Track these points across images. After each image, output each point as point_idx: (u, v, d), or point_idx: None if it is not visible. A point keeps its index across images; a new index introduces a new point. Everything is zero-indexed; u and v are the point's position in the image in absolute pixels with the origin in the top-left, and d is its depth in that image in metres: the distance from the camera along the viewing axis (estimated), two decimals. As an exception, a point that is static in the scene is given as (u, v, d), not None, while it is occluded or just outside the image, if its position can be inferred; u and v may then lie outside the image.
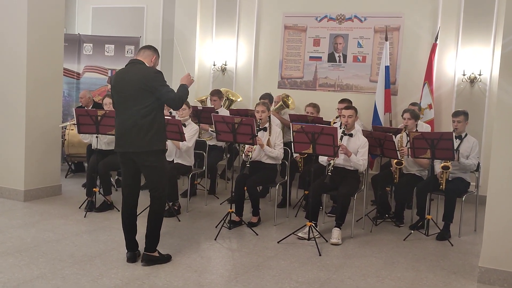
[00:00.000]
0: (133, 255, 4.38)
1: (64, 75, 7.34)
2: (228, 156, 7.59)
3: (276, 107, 7.76)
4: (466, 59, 7.41)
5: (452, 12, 7.50)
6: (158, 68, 4.54)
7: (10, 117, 6.24)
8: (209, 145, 6.73)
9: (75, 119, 5.86)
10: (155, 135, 4.22)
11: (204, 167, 6.58)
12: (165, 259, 4.42)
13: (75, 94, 8.89)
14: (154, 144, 4.23)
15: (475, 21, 7.33)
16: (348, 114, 5.58)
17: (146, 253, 4.33)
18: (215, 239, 5.10)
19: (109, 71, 8.93)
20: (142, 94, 4.17)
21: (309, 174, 5.44)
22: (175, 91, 4.29)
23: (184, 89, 4.37)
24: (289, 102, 7.86)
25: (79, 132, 5.98)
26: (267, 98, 7.32)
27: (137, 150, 4.21)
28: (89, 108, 7.36)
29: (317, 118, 6.91)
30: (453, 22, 7.51)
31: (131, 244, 4.42)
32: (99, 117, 5.71)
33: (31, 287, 3.75)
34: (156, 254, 4.36)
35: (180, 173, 6.21)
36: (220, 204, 6.64)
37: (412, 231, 5.56)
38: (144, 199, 4.79)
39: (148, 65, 4.30)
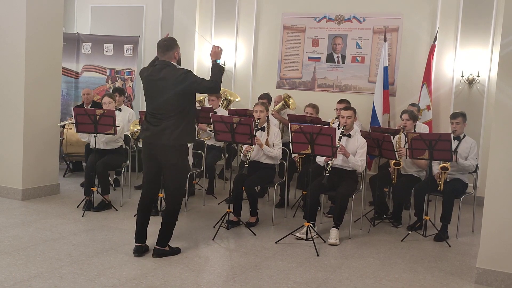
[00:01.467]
0: (140, 248, 4.48)
1: (62, 74, 7.33)
2: (227, 156, 7.59)
3: (277, 107, 7.76)
4: (465, 61, 7.42)
5: (451, 13, 7.51)
6: None
7: (9, 116, 6.23)
8: (207, 145, 6.72)
9: (73, 118, 5.86)
10: (182, 130, 4.36)
11: (202, 167, 6.58)
12: (175, 252, 4.57)
13: (74, 93, 8.89)
14: (181, 139, 4.38)
15: (474, 22, 7.34)
16: (347, 115, 5.58)
17: (157, 247, 4.49)
18: (213, 239, 5.10)
19: (108, 71, 8.92)
20: (178, 97, 4.32)
21: (308, 175, 5.45)
22: (208, 80, 4.45)
23: (215, 68, 4.50)
24: (290, 102, 7.87)
25: (78, 131, 5.98)
26: (265, 98, 7.33)
27: (164, 142, 4.33)
28: (88, 107, 7.36)
29: (316, 119, 6.91)
30: (451, 24, 7.52)
31: (140, 236, 4.52)
32: (97, 116, 5.70)
33: (28, 286, 3.74)
34: (166, 248, 4.53)
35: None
36: (218, 204, 6.63)
37: (410, 232, 5.57)
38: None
39: (175, 64, 4.44)
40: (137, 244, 4.51)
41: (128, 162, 6.49)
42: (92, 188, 5.91)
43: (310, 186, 5.29)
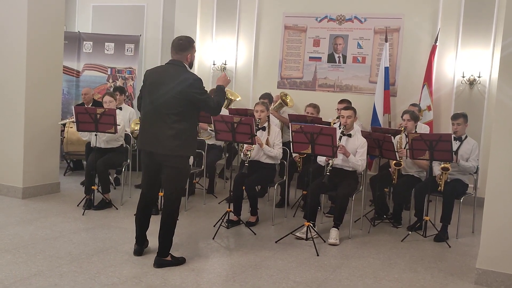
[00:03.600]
0: (140, 249, 4.45)
1: (63, 73, 7.33)
2: (227, 155, 7.59)
3: (275, 105, 7.76)
4: (466, 61, 7.41)
5: (452, 14, 7.51)
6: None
7: (9, 115, 6.23)
8: (208, 144, 6.72)
9: (74, 116, 5.86)
10: (184, 142, 4.14)
11: (203, 166, 6.58)
12: (178, 262, 4.32)
13: (75, 92, 8.89)
14: (181, 150, 4.15)
15: (475, 23, 7.34)
16: (347, 114, 5.58)
17: (159, 257, 4.25)
18: (213, 238, 5.10)
19: (109, 69, 8.92)
20: (177, 100, 4.08)
21: (308, 174, 5.45)
22: (212, 98, 4.24)
23: (221, 92, 4.37)
24: (288, 100, 7.86)
25: (78, 129, 5.98)
26: (267, 98, 7.32)
27: (163, 152, 4.13)
28: (89, 106, 7.37)
29: (317, 119, 6.91)
30: (453, 24, 7.52)
31: (140, 238, 4.47)
32: (98, 115, 5.70)
33: (28, 284, 3.75)
34: (168, 258, 4.29)
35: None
36: (219, 203, 6.64)
37: (410, 232, 5.57)
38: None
39: (186, 66, 4.23)
40: (137, 245, 4.47)
41: (128, 161, 6.49)
42: (92, 187, 5.91)
43: (311, 186, 5.29)
